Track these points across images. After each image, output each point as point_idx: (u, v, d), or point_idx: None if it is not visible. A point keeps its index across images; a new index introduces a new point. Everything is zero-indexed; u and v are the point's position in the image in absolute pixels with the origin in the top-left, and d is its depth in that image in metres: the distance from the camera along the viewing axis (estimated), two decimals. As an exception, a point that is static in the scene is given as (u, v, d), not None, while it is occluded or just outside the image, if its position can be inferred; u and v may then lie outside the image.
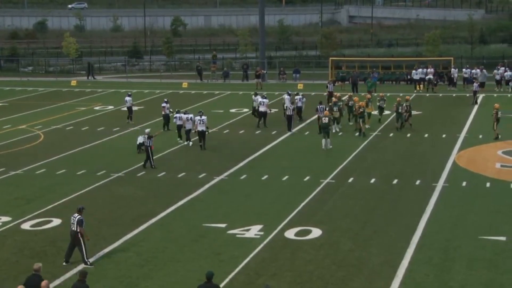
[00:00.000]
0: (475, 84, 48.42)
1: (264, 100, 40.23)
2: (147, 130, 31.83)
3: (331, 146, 34.61)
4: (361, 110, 37.32)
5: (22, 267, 19.94)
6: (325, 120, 34.78)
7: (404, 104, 38.48)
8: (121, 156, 33.62)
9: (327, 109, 37.42)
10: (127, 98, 42.12)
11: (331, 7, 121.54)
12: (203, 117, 34.58)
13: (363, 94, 51.24)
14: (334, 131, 37.26)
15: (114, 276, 19.20)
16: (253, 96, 42.49)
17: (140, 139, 34.14)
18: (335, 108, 37.91)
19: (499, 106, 36.98)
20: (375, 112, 40.36)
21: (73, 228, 20.00)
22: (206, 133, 34.67)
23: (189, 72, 68.51)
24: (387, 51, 79.53)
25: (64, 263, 20.07)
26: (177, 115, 36.43)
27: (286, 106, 40.37)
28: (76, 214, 20.04)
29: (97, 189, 27.93)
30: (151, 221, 23.84)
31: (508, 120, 41.42)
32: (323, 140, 34.59)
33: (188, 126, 35.35)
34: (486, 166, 30.89)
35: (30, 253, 21.01)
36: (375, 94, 46.88)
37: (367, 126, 38.03)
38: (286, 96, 41.81)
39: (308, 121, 41.56)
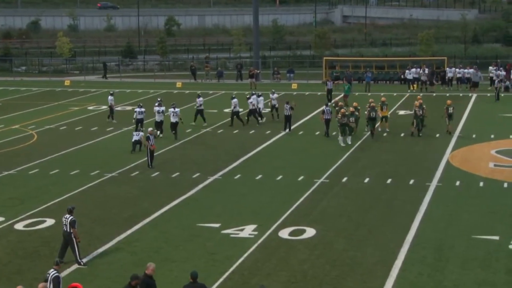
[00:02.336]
0: (496, 81, 49.88)
1: (233, 100, 40.42)
2: (150, 129, 31.97)
3: (343, 144, 34.79)
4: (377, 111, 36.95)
5: (15, 267, 19.91)
6: (343, 120, 34.81)
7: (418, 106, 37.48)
8: (115, 156, 33.57)
9: (343, 108, 36.63)
10: (110, 97, 42.27)
11: (325, 7, 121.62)
12: (176, 109, 36.87)
13: (357, 94, 51.34)
14: (343, 144, 35.00)
15: (107, 276, 19.17)
16: (196, 98, 41.38)
17: (136, 137, 34.18)
18: (351, 119, 35.56)
19: (451, 102, 37.91)
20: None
21: (65, 229, 19.92)
22: (181, 123, 37.24)
23: (183, 72, 68.47)
24: (380, 51, 79.64)
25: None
26: (138, 109, 37.73)
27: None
28: (68, 215, 19.94)
29: (91, 189, 27.88)
30: (145, 221, 23.81)
31: (503, 120, 41.63)
32: (342, 138, 34.97)
33: (159, 118, 37.17)
34: (480, 165, 30.94)
35: (23, 254, 20.95)
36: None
37: (387, 129, 38.01)
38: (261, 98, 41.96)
39: (301, 121, 41.60)
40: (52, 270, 16.20)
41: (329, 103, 41.21)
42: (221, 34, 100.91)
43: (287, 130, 38.53)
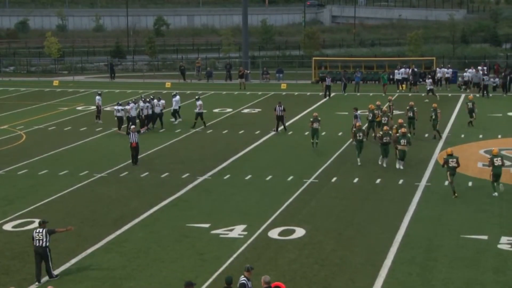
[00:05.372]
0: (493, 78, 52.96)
1: (160, 101, 40.47)
2: (132, 127, 32.01)
3: (385, 165, 31.01)
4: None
5: (4, 268, 19.82)
6: (386, 139, 30.74)
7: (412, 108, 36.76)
8: (104, 156, 33.49)
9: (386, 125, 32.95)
10: (97, 97, 42.22)
11: (314, 7, 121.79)
12: (131, 104, 38.78)
13: (346, 94, 51.41)
14: (398, 167, 30.59)
15: (96, 277, 19.11)
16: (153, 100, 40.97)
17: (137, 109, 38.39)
18: (403, 141, 30.21)
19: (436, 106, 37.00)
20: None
21: (39, 244, 18.66)
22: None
23: (172, 72, 68.36)
24: (369, 51, 79.78)
25: (36, 284, 18.67)
26: (118, 107, 39.07)
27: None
28: (40, 229, 18.83)
29: (80, 190, 27.79)
30: (134, 221, 23.77)
31: (492, 120, 41.79)
32: (382, 158, 31.38)
33: (143, 114, 39.13)
34: (468, 165, 31.03)
35: (11, 254, 20.86)
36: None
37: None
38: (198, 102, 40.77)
39: (290, 122, 41.65)
40: (242, 276, 15.64)
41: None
42: (210, 34, 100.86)
43: (278, 130, 38.35)
